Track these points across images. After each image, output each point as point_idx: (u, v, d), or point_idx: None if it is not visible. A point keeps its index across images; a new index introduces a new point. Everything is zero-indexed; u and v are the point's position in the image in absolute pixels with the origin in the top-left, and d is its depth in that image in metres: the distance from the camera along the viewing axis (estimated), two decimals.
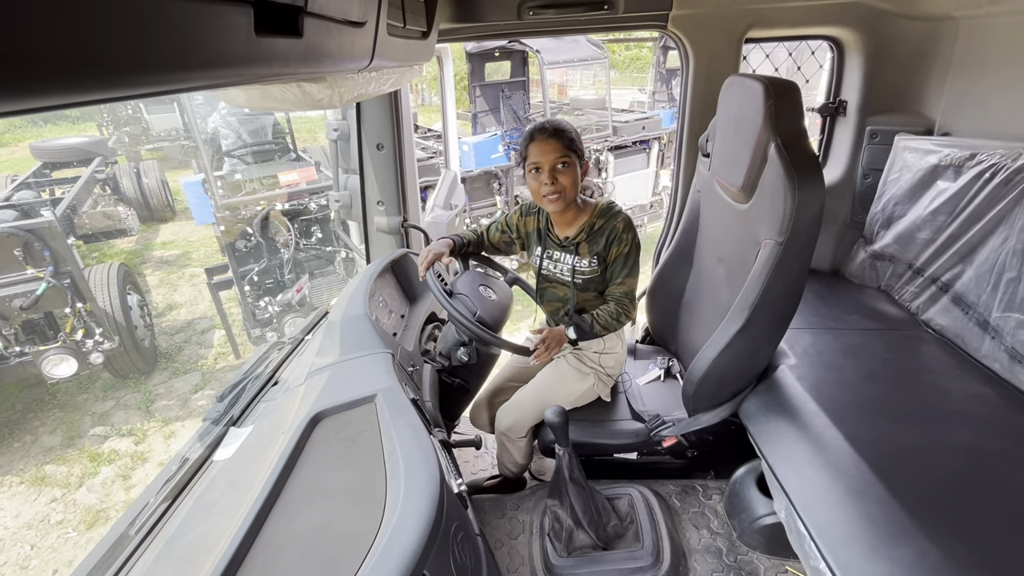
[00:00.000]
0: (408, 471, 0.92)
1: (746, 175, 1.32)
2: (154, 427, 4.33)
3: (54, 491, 3.83)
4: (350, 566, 0.77)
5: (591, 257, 1.48)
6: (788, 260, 1.21)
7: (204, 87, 0.45)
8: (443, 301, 1.48)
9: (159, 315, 5.85)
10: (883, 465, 1.10)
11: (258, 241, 4.03)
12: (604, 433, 1.61)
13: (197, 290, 6.48)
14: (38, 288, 3.57)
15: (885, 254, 1.77)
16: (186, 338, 5.52)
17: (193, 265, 7.16)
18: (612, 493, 1.52)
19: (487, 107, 7.11)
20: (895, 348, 1.52)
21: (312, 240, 4.28)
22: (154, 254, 7.61)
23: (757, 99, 1.23)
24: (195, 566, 0.87)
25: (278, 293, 4.34)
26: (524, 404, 1.63)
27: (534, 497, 1.58)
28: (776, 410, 1.35)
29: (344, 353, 1.37)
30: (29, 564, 3.34)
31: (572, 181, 1.39)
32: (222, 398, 1.43)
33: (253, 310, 4.27)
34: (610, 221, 1.45)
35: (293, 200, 4.05)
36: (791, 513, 1.14)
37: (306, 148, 5.67)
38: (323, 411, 1.11)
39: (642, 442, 1.59)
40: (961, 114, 1.63)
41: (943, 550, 0.90)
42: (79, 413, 4.54)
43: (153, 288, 6.48)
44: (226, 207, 3.82)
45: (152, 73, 0.37)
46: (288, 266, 4.18)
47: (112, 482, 3.88)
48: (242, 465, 1.11)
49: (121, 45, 0.33)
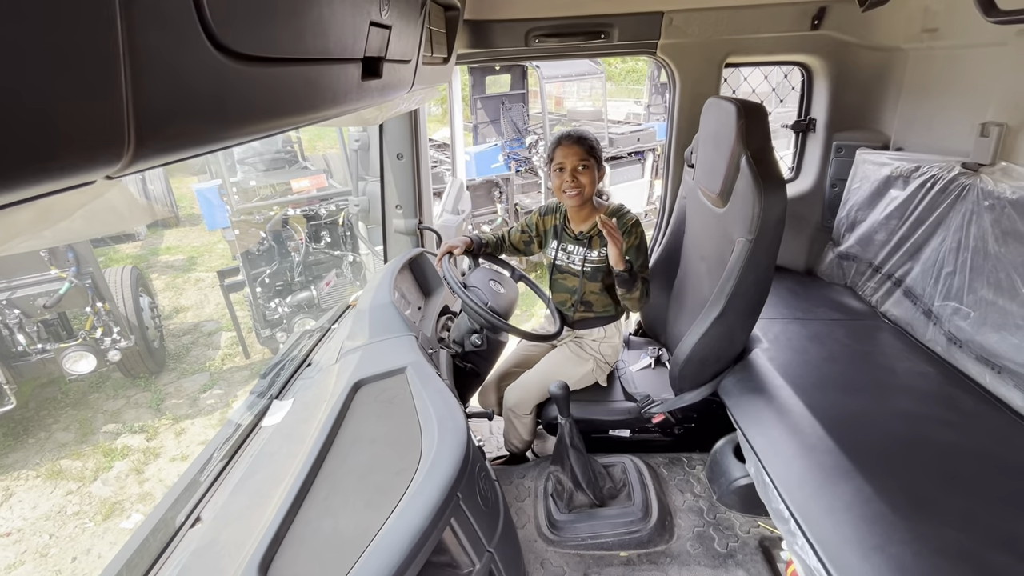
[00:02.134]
0: (440, 422, 1.11)
1: (723, 183, 1.54)
2: (165, 424, 4.47)
3: (69, 484, 3.96)
4: (397, 490, 0.97)
5: (600, 248, 1.68)
6: (757, 255, 1.43)
7: (323, 120, 0.66)
8: (460, 292, 1.69)
9: (166, 318, 5.99)
10: (834, 425, 1.31)
11: (271, 245, 4.22)
12: (601, 411, 1.81)
13: (203, 294, 6.64)
14: (61, 288, 3.75)
15: (850, 254, 2.00)
16: (193, 340, 5.67)
17: (198, 270, 7.31)
18: (607, 462, 1.72)
19: (487, 118, 7.36)
20: (855, 335, 1.74)
21: (321, 244, 4.47)
22: (160, 259, 7.76)
23: (731, 118, 1.45)
24: (265, 497, 1.05)
25: (288, 295, 4.51)
26: (529, 384, 1.83)
27: (537, 468, 1.78)
28: (751, 387, 1.56)
29: (373, 336, 1.57)
30: (48, 552, 3.47)
31: (590, 181, 1.62)
32: (265, 375, 1.63)
33: (264, 311, 4.44)
34: (620, 220, 1.65)
35: (305, 206, 4.25)
36: (759, 469, 1.34)
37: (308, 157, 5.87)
38: (362, 379, 1.31)
39: (634, 419, 1.80)
40: (911, 132, 1.87)
41: (875, 486, 1.11)
42: (91, 411, 4.67)
43: (160, 292, 6.62)
44: (241, 212, 4.02)
45: (295, 114, 0.57)
46: (299, 269, 4.37)
47: (126, 476, 4.01)
48: (293, 424, 1.31)
49: (283, 96, 0.53)
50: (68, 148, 0.30)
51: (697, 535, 1.53)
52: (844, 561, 1.00)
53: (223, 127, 0.42)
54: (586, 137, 1.62)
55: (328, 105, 0.60)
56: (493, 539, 1.06)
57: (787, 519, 1.16)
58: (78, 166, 0.31)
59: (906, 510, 1.06)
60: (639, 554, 1.47)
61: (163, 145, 0.36)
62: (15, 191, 0.28)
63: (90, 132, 0.31)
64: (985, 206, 1.40)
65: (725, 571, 1.42)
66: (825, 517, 1.09)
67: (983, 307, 1.42)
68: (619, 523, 1.51)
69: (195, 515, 1.14)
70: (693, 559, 1.45)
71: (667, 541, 1.50)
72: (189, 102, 0.37)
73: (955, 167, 1.54)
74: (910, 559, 0.96)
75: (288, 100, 0.50)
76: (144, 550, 1.08)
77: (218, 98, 0.40)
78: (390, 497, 0.95)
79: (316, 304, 4.59)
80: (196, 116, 0.39)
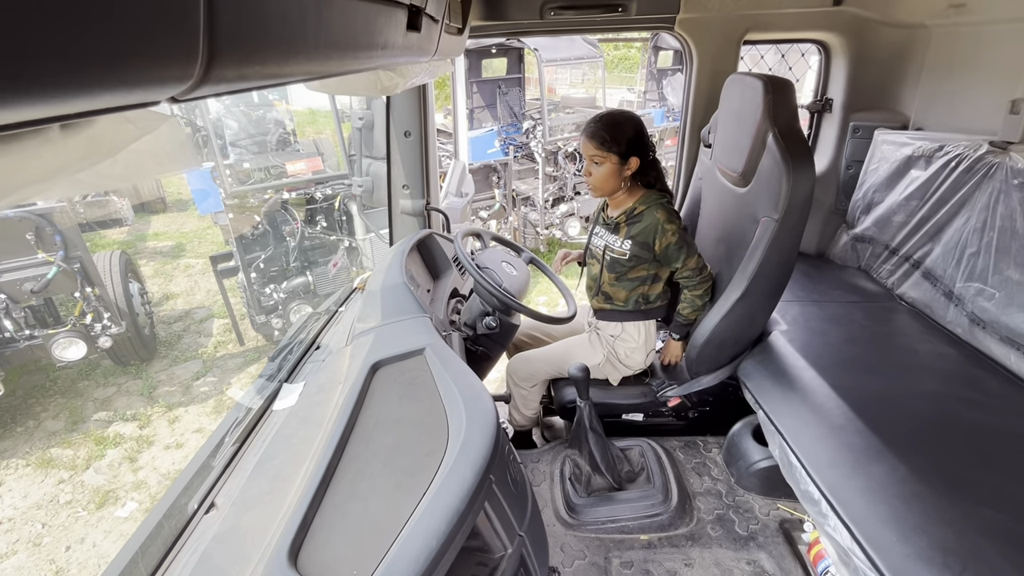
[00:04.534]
0: (466, 402, 1.07)
1: (746, 162, 1.50)
2: (158, 412, 4.39)
3: (61, 473, 3.88)
4: (427, 472, 0.93)
5: (624, 239, 1.59)
6: (783, 235, 1.40)
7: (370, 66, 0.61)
8: (475, 274, 1.64)
9: (156, 304, 5.87)
10: (861, 406, 1.29)
11: (265, 229, 4.12)
12: (615, 394, 1.78)
13: (193, 281, 6.52)
14: (49, 272, 3.63)
15: (865, 237, 1.98)
16: (184, 327, 5.56)
17: (188, 256, 7.18)
18: (624, 445, 1.70)
19: (483, 103, 7.24)
20: (872, 317, 1.73)
21: (317, 228, 4.38)
22: (147, 245, 7.60)
23: (757, 94, 1.41)
24: (286, 482, 1.01)
25: (283, 281, 4.43)
26: (538, 359, 1.79)
27: (552, 451, 1.75)
28: (772, 368, 1.54)
29: (386, 317, 1.52)
30: (41, 541, 3.41)
31: (603, 176, 1.52)
32: (274, 358, 1.57)
33: (259, 297, 4.35)
34: (650, 211, 1.54)
35: (301, 189, 4.15)
36: (784, 450, 1.32)
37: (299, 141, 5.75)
38: (380, 360, 1.26)
39: (649, 402, 1.77)
40: (931, 111, 1.85)
41: (909, 466, 1.09)
42: (81, 399, 4.57)
43: (149, 278, 6.48)
44: (235, 195, 3.91)
45: (350, 55, 0.53)
46: (294, 254, 4.28)
47: (119, 464, 3.93)
48: (309, 407, 1.26)
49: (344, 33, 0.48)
50: (139, 53, 0.25)
51: (717, 518, 1.51)
52: (882, 541, 0.98)
53: (291, 57, 0.37)
54: (600, 131, 1.48)
55: (378, 51, 0.55)
56: (524, 523, 1.03)
57: (817, 500, 1.14)
58: (147, 77, 0.26)
59: (942, 489, 1.04)
60: (660, 537, 1.45)
61: (235, 67, 0.31)
62: (77, 98, 0.23)
63: (163, 39, 0.26)
64: (1014, 184, 1.38)
65: (747, 553, 1.41)
66: (859, 497, 1.07)
67: (1009, 287, 1.40)
68: (639, 506, 1.49)
69: (209, 501, 1.10)
70: (715, 542, 1.44)
71: (688, 524, 1.48)
72: (265, 22, 0.33)
73: (982, 145, 1.51)
74: (952, 539, 0.94)
75: (347, 38, 0.45)
76: (157, 535, 1.03)
77: (291, 24, 0.35)
78: (420, 479, 0.91)
79: (312, 290, 4.51)
80: (270, 40, 0.34)
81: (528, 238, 6.25)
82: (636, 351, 1.73)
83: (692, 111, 2.05)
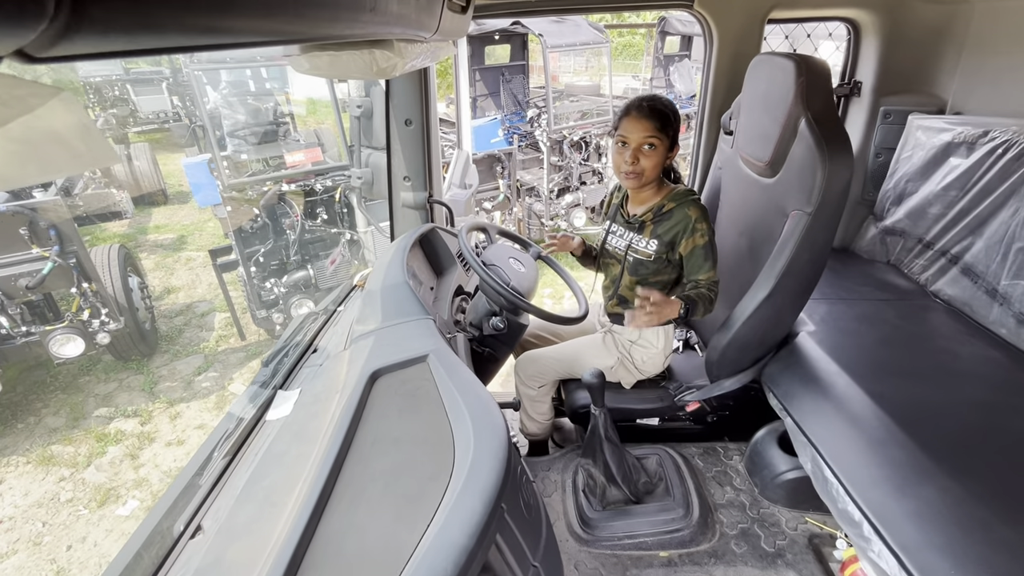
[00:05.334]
0: (474, 417, 0.98)
1: (774, 150, 1.38)
2: (159, 408, 4.34)
3: (62, 470, 3.84)
4: (431, 500, 0.83)
5: (651, 239, 1.46)
6: (815, 230, 1.29)
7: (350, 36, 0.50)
8: (481, 272, 1.53)
9: (157, 298, 5.82)
10: (902, 416, 1.18)
11: (264, 222, 4.02)
12: (630, 398, 1.68)
13: (195, 274, 6.45)
14: (44, 268, 3.55)
15: (896, 229, 1.86)
16: (186, 321, 5.51)
17: (189, 249, 7.11)
18: (640, 453, 1.60)
19: (486, 91, 7.09)
20: (906, 316, 1.61)
21: (318, 221, 4.28)
22: (148, 238, 7.53)
23: (788, 76, 1.29)
24: (277, 506, 0.92)
25: (284, 275, 4.34)
26: (547, 359, 1.69)
27: (563, 459, 1.66)
28: (800, 373, 1.43)
29: (386, 319, 1.42)
30: (42, 540, 3.37)
31: (655, 163, 1.37)
32: (267, 363, 1.48)
33: (259, 291, 4.27)
34: (681, 207, 1.42)
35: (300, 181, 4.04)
36: (818, 464, 1.22)
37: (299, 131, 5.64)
38: (379, 369, 1.16)
39: (666, 407, 1.67)
40: (973, 94, 1.71)
41: (963, 487, 0.99)
42: (82, 395, 4.53)
43: (149, 272, 6.42)
44: (233, 187, 3.81)
45: (310, 16, 0.40)
46: (294, 248, 4.19)
47: (120, 461, 3.89)
48: (303, 420, 1.17)
49: None
50: None
51: (741, 532, 1.42)
52: (937, 572, 0.88)
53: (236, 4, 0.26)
54: (661, 109, 1.34)
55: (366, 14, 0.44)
56: (538, 552, 0.94)
57: (858, 522, 1.04)
58: None
59: (1004, 514, 0.94)
60: (681, 554, 1.36)
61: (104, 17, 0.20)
62: None
63: None
64: None
65: (775, 572, 1.32)
66: (908, 522, 0.97)
67: None
68: (658, 521, 1.39)
69: (195, 523, 1.01)
70: (739, 559, 1.35)
71: (710, 540, 1.39)
72: None
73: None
74: (1020, 572, 0.84)
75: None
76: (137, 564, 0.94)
77: None
78: (423, 509, 0.82)
79: (314, 284, 4.42)
80: None
81: (533, 229, 6.13)
82: (654, 357, 1.63)
83: (711, 96, 1.92)
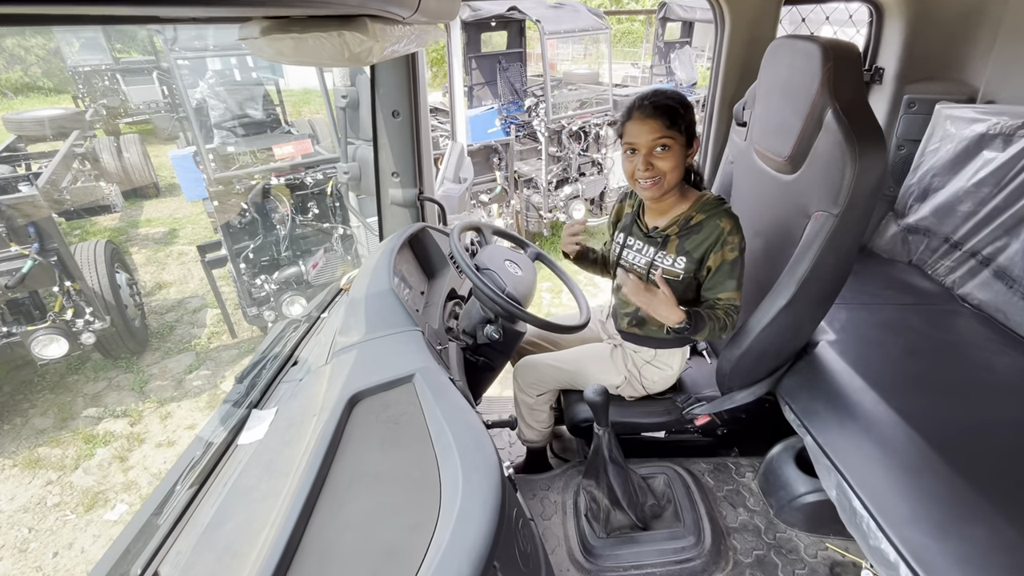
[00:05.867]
0: (463, 454, 0.86)
1: (795, 144, 1.26)
2: (149, 408, 4.25)
3: (49, 473, 3.75)
4: (413, 555, 0.72)
5: (677, 256, 1.29)
6: (842, 232, 1.16)
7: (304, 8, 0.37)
8: (475, 279, 1.41)
9: (148, 294, 5.71)
10: (939, 440, 1.07)
11: (253, 217, 3.89)
12: (635, 411, 1.57)
13: (186, 268, 6.33)
14: (23, 266, 3.43)
15: (919, 227, 1.74)
16: (177, 317, 5.40)
17: (180, 243, 6.98)
18: (647, 472, 1.49)
19: (483, 79, 6.90)
20: (933, 322, 1.50)
21: (309, 216, 4.14)
22: (139, 232, 7.39)
23: (813, 62, 1.16)
24: (239, 557, 0.81)
25: (274, 271, 4.22)
26: (547, 367, 1.57)
27: (564, 477, 1.55)
28: (820, 387, 1.31)
29: (371, 331, 1.30)
30: (28, 547, 3.28)
31: (673, 165, 1.19)
32: (241, 379, 1.36)
33: (249, 288, 4.15)
34: (712, 218, 1.24)
35: (289, 174, 3.90)
36: (844, 491, 1.11)
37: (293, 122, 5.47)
38: (360, 392, 1.05)
39: (674, 420, 1.56)
40: (1008, 81, 1.58)
41: (1018, 527, 0.88)
42: (70, 395, 4.43)
43: (140, 267, 6.31)
44: (219, 181, 3.66)
45: None
46: (285, 243, 4.05)
47: (109, 464, 3.80)
48: (276, 449, 1.05)
49: None
50: None
51: (757, 561, 1.31)
52: None
53: None
54: (666, 104, 1.17)
55: None
56: None
57: (894, 563, 0.93)
58: None
59: None
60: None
61: None
62: None
63: None
64: None
65: None
66: (954, 569, 0.86)
67: None
68: (668, 549, 1.29)
69: (151, 571, 0.90)
70: None
71: (724, 569, 1.28)
72: None
73: None
74: None
75: None
76: None
77: None
78: (404, 565, 0.71)
79: (305, 281, 4.30)
80: None
81: (531, 222, 5.99)
82: (667, 379, 1.51)
83: (723, 84, 1.78)
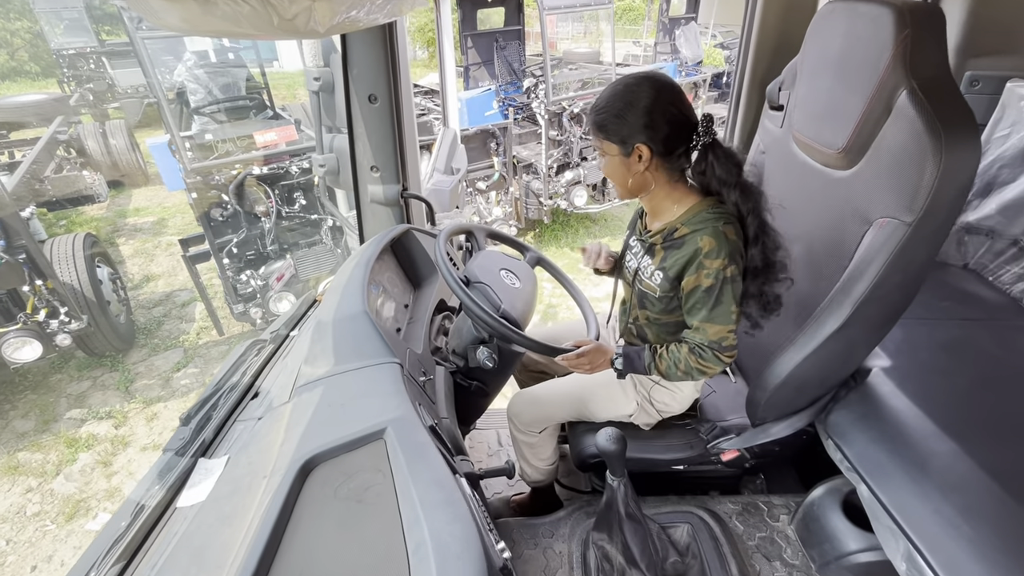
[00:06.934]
0: (437, 546, 0.66)
1: (854, 133, 1.02)
2: (135, 408, 4.08)
3: (29, 480, 3.60)
4: None
5: (656, 269, 1.15)
6: (914, 246, 0.93)
7: None
8: (462, 294, 1.19)
9: (135, 287, 5.51)
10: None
11: (235, 210, 3.65)
12: (653, 446, 1.36)
13: (175, 260, 6.11)
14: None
15: (982, 227, 1.50)
16: (165, 312, 5.20)
17: (169, 233, 6.76)
18: (666, 520, 1.28)
19: (479, 59, 6.57)
20: (1006, 344, 1.27)
21: (295, 207, 3.90)
22: (127, 221, 7.16)
23: (883, 30, 0.92)
24: None
25: (260, 266, 3.99)
26: (549, 401, 1.37)
27: (570, 521, 1.34)
28: (876, 425, 1.10)
29: (340, 363, 1.09)
30: (6, 560, 3.14)
31: (611, 171, 1.13)
32: (187, 420, 1.15)
33: (235, 284, 3.93)
34: (694, 234, 1.06)
35: (272, 163, 3.64)
36: (914, 561, 0.90)
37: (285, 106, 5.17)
38: (316, 455, 0.83)
39: (697, 455, 1.35)
40: None
41: None
42: (53, 395, 4.26)
43: (127, 259, 6.10)
44: (196, 171, 3.41)
45: None
46: (270, 236, 3.82)
47: (92, 469, 3.64)
48: (213, 525, 0.84)
49: None
50: None
51: None
52: None
53: None
54: (595, 115, 1.09)
55: None
56: None
57: None
58: None
59: None
60: None
61: None
62: None
63: None
64: None
65: None
66: None
67: None
68: None
69: None
70: None
71: None
72: None
73: None
74: None
75: None
76: None
77: None
78: None
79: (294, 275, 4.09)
80: None
81: (531, 209, 5.74)
82: (681, 401, 1.33)
83: (753, 61, 1.53)
